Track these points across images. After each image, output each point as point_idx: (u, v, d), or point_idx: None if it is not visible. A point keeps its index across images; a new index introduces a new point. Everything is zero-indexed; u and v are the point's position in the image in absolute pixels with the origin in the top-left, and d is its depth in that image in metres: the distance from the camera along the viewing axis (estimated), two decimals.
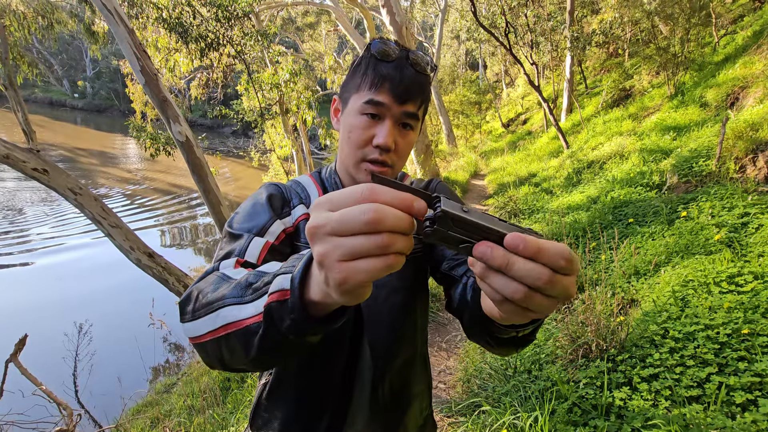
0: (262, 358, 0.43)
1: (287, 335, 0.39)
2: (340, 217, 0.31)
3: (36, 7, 8.20)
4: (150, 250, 4.88)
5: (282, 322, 0.39)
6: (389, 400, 0.76)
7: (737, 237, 2.76)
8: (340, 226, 0.31)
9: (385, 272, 0.31)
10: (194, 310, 0.49)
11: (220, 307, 0.45)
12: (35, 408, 3.44)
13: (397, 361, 0.77)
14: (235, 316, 0.44)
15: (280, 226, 0.69)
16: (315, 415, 0.73)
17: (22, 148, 4.31)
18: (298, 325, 0.38)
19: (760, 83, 4.96)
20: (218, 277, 0.52)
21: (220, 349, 0.46)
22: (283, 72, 8.54)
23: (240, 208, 0.73)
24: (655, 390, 1.80)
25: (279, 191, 0.75)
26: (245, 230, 0.66)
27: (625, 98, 9.56)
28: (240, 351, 0.44)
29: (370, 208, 0.30)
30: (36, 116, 26.37)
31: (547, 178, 7.21)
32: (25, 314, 6.94)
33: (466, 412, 2.19)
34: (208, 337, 0.46)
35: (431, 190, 0.85)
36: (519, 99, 19.89)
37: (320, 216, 0.33)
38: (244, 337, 0.43)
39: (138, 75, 4.57)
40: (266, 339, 0.41)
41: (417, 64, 0.69)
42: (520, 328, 0.48)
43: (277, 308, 0.39)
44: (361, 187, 0.32)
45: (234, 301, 0.45)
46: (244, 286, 0.45)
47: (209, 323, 0.46)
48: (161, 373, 5.48)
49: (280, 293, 0.39)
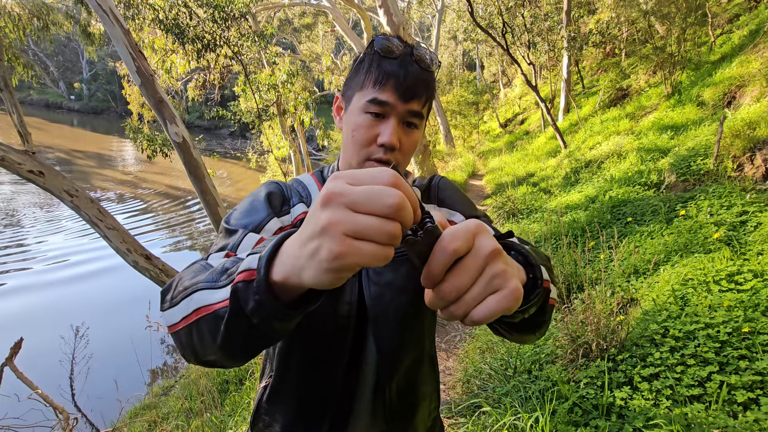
0: (229, 346, 0.42)
1: (251, 318, 0.38)
2: (365, 193, 0.31)
3: (31, 9, 8.17)
4: (147, 252, 4.86)
5: (247, 304, 0.37)
6: (396, 401, 0.75)
7: (736, 235, 2.76)
8: (363, 200, 0.30)
9: (379, 263, 0.31)
10: (172, 297, 0.48)
11: (193, 292, 0.45)
12: (31, 412, 3.41)
13: (405, 362, 0.75)
14: (206, 300, 0.42)
15: (277, 224, 0.68)
16: (317, 416, 0.72)
17: (18, 150, 4.28)
18: (262, 306, 0.36)
19: (757, 82, 4.98)
20: (200, 266, 0.51)
21: (191, 337, 0.44)
22: (280, 73, 8.51)
23: (238, 205, 0.71)
24: (656, 389, 1.79)
25: (279, 189, 0.74)
26: (241, 226, 0.65)
27: (623, 98, 9.58)
28: (208, 338, 0.42)
29: (397, 193, 0.30)
30: (32, 118, 26.29)
31: (545, 177, 7.22)
32: (21, 318, 6.89)
33: (466, 412, 2.18)
34: (181, 324, 0.45)
35: (433, 187, 0.85)
36: (516, 99, 19.92)
37: (340, 185, 0.32)
38: (213, 322, 0.41)
39: (134, 76, 4.55)
40: (231, 323, 0.39)
41: (422, 61, 0.67)
42: (523, 308, 0.47)
43: (243, 289, 0.37)
44: (387, 172, 0.32)
45: (207, 285, 0.44)
46: (219, 271, 0.44)
47: (184, 308, 0.45)
48: (159, 375, 5.44)
49: (247, 273, 0.37)
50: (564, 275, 3.08)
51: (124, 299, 7.44)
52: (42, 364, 5.05)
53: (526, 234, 4.57)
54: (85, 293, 7.83)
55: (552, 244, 3.92)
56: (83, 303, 7.40)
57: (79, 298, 7.62)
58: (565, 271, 3.11)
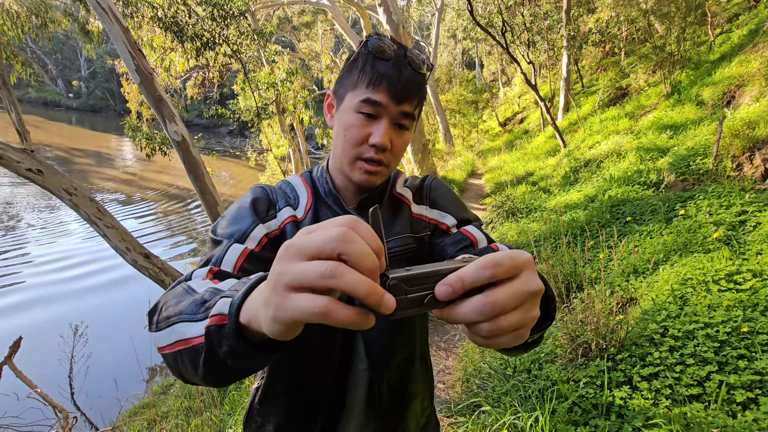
0: (210, 377, 0.43)
1: (226, 360, 0.38)
2: (310, 236, 0.31)
3: (29, 6, 8.13)
4: (146, 251, 4.85)
5: (220, 347, 0.38)
6: (387, 400, 0.75)
7: (735, 235, 2.77)
8: (305, 244, 0.30)
9: (317, 318, 0.29)
10: (157, 321, 0.49)
11: (175, 323, 0.45)
12: (30, 411, 3.40)
13: (395, 361, 0.75)
14: (185, 334, 0.43)
15: (263, 230, 0.68)
16: (308, 417, 0.72)
17: (16, 148, 4.26)
18: (233, 351, 0.37)
19: (757, 81, 4.98)
20: (183, 290, 0.52)
21: (177, 363, 0.45)
22: (279, 71, 8.50)
23: (226, 212, 0.72)
24: (655, 389, 1.80)
25: (265, 194, 0.74)
26: (226, 236, 0.65)
27: (622, 97, 9.58)
28: (190, 367, 0.43)
29: (339, 229, 0.30)
30: (30, 116, 26.21)
31: (545, 176, 7.22)
32: (20, 316, 6.88)
33: (465, 412, 2.18)
34: (167, 350, 0.46)
35: (426, 188, 0.84)
36: (516, 98, 19.92)
37: (297, 236, 0.32)
38: (193, 355, 0.42)
39: (133, 74, 4.53)
40: (209, 360, 0.40)
41: (414, 63, 0.68)
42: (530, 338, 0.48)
43: (216, 332, 0.38)
44: (346, 217, 0.32)
45: (187, 317, 0.44)
46: (199, 302, 0.45)
47: (166, 337, 0.46)
48: (158, 374, 5.44)
49: (219, 317, 0.38)
50: (563, 275, 3.08)
51: (122, 298, 7.43)
52: (41, 363, 5.04)
53: (525, 233, 4.57)
54: (84, 293, 7.82)
55: (551, 244, 3.93)
56: (81, 302, 7.39)
57: (77, 298, 7.60)
58: (564, 270, 3.11)
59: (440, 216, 0.80)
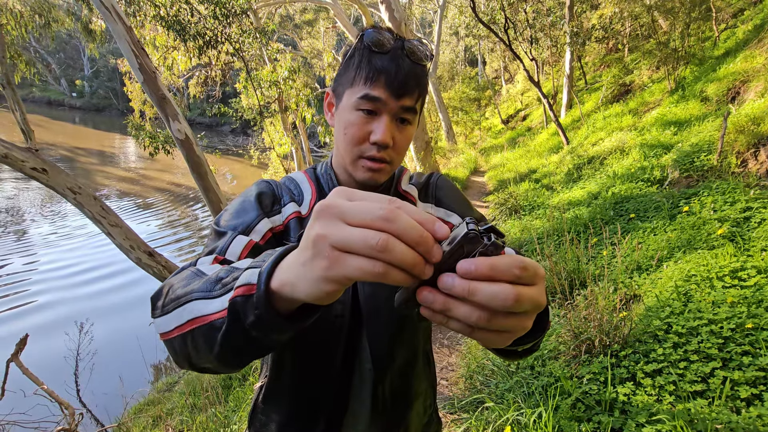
0: (225, 356, 0.42)
1: (251, 331, 0.38)
2: (357, 205, 0.31)
3: (33, 6, 8.17)
4: (150, 249, 4.88)
5: (246, 318, 0.37)
6: (390, 398, 0.75)
7: (740, 231, 2.75)
8: (353, 212, 0.30)
9: (368, 277, 0.30)
10: (164, 305, 0.47)
11: (187, 302, 0.44)
12: (37, 408, 3.43)
13: (398, 360, 0.75)
14: (201, 311, 0.42)
15: (268, 224, 0.67)
16: (312, 416, 0.72)
17: (21, 147, 4.29)
18: (262, 321, 0.37)
19: (761, 77, 4.95)
20: (192, 273, 0.51)
21: (186, 346, 0.44)
22: (281, 69, 8.50)
23: (229, 206, 0.71)
24: (659, 385, 1.80)
25: (270, 189, 0.73)
26: (230, 228, 0.64)
27: (625, 93, 9.53)
28: (204, 348, 0.42)
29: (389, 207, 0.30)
30: (34, 116, 26.30)
31: (548, 174, 7.20)
32: (27, 319, 6.94)
33: (469, 408, 2.19)
34: (175, 332, 0.45)
35: (431, 185, 0.84)
36: (518, 95, 19.84)
37: (335, 198, 0.32)
38: (209, 333, 0.41)
39: (136, 73, 4.55)
40: (229, 335, 0.39)
41: (413, 54, 0.65)
42: (517, 345, 0.46)
43: (242, 303, 0.37)
44: (388, 197, 0.32)
45: (202, 295, 0.43)
46: (213, 281, 0.44)
47: (176, 318, 0.44)
48: (163, 371, 5.47)
49: (246, 287, 0.38)
50: (567, 272, 3.08)
51: (127, 296, 7.47)
52: (47, 360, 5.08)
53: (528, 230, 4.56)
54: (88, 290, 7.87)
55: (554, 241, 3.92)
56: (87, 300, 7.44)
57: (83, 295, 7.65)
58: (567, 267, 3.11)
59: (446, 215, 0.80)
